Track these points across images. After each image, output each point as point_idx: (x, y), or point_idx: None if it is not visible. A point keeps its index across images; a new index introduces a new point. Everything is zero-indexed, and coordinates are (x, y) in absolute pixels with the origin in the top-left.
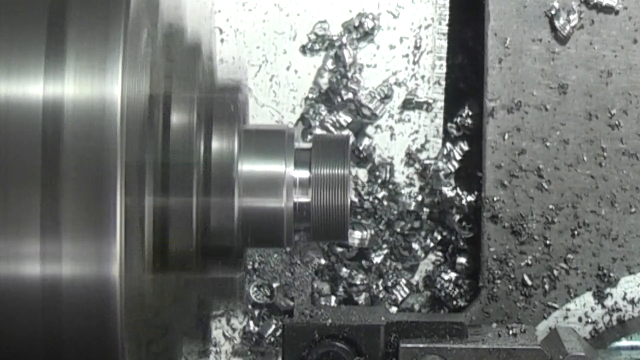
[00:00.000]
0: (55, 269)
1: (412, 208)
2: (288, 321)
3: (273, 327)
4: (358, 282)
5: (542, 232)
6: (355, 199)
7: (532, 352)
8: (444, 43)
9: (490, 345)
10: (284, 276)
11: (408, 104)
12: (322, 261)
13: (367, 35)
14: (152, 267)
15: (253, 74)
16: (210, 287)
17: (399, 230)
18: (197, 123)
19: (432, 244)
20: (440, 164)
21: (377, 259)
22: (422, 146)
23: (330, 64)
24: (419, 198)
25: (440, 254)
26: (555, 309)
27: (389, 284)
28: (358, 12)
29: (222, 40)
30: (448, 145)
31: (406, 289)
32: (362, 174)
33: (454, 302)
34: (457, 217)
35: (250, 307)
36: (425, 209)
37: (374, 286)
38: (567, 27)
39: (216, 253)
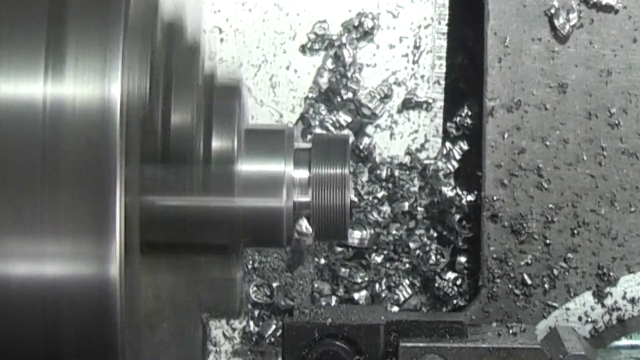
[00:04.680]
0: (55, 269)
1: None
2: (288, 320)
3: (273, 327)
4: (359, 281)
5: (542, 231)
6: (355, 199)
7: (532, 351)
8: (443, 43)
9: (490, 345)
10: (284, 276)
11: (408, 104)
12: (322, 261)
13: (366, 34)
14: (152, 267)
15: (253, 73)
16: (209, 288)
17: (395, 231)
18: (197, 123)
19: (431, 244)
20: (439, 164)
21: (377, 259)
22: (422, 146)
23: (330, 64)
24: (416, 198)
25: (439, 253)
26: (555, 308)
27: (391, 284)
28: (358, 11)
29: (221, 40)
30: (448, 144)
31: (409, 290)
32: (362, 173)
33: (454, 302)
34: (457, 216)
35: (250, 307)
36: (421, 209)
37: (377, 285)
38: (567, 26)
39: (215, 252)
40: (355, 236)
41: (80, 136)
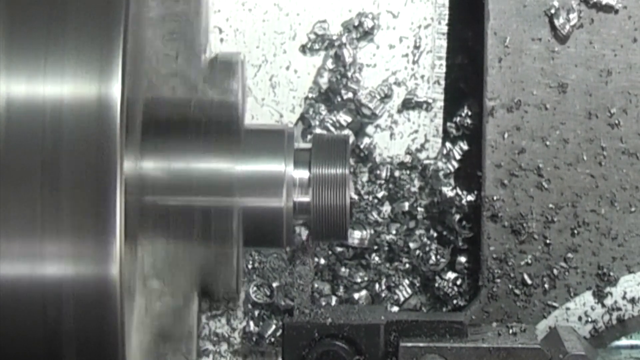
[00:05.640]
0: (55, 269)
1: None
2: (288, 320)
3: (273, 327)
4: (359, 280)
5: (542, 231)
6: (355, 197)
7: (532, 351)
8: (443, 43)
9: (490, 344)
10: (283, 276)
11: (408, 104)
12: (322, 261)
13: (366, 34)
14: (152, 267)
15: (253, 74)
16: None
17: (395, 231)
18: (196, 123)
19: (431, 244)
20: (440, 164)
21: (377, 259)
22: (422, 146)
23: (330, 64)
24: (416, 198)
25: (439, 253)
26: (555, 308)
27: (391, 284)
28: (358, 11)
29: (222, 40)
30: (448, 145)
31: (409, 290)
32: (362, 173)
33: (454, 302)
34: (457, 216)
35: (250, 307)
36: (421, 209)
37: (377, 285)
38: (567, 26)
39: (215, 249)
40: (355, 236)
41: (80, 136)
